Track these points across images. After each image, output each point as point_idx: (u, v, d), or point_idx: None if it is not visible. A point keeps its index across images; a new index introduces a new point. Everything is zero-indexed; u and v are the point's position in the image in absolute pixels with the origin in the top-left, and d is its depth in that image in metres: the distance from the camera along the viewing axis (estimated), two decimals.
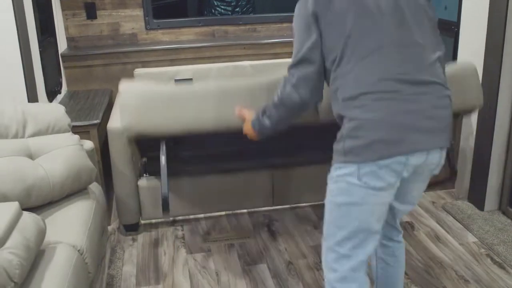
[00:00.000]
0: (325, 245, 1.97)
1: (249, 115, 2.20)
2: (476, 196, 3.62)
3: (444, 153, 1.88)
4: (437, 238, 3.27)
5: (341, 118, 1.84)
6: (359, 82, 1.79)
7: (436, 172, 1.94)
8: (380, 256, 2.22)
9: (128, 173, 3.24)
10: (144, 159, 3.12)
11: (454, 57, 3.79)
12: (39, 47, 3.36)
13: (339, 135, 1.84)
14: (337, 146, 1.84)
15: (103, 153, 3.43)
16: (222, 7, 4.97)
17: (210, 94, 2.48)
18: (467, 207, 3.60)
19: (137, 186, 3.29)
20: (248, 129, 2.20)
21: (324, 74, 1.92)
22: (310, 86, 1.91)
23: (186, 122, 2.46)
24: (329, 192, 1.92)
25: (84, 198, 2.62)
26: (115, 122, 3.20)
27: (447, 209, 3.59)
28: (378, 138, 1.74)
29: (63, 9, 4.11)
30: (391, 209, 2.02)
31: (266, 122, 2.09)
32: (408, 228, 3.38)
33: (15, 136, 2.54)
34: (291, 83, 1.92)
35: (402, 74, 1.78)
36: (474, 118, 3.59)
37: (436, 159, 1.85)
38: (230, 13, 4.96)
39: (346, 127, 1.80)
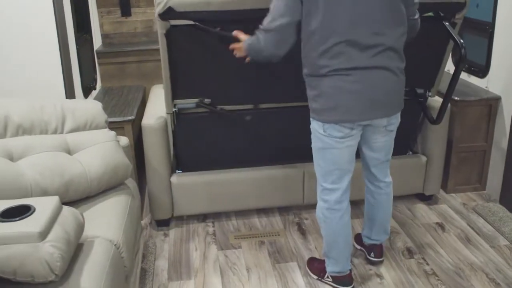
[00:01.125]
0: (317, 181, 2.64)
1: (244, 36, 2.56)
2: (508, 198, 3.59)
3: (394, 117, 2.53)
4: (467, 240, 3.25)
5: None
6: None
7: (391, 129, 2.58)
8: (366, 196, 2.88)
9: (161, 170, 3.30)
10: (176, 108, 3.13)
11: (488, 59, 3.75)
12: (76, 44, 3.42)
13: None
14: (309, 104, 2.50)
15: (136, 149, 3.49)
16: None
17: None
18: (498, 209, 3.58)
19: (170, 182, 3.34)
20: (240, 46, 2.57)
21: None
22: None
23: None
24: (312, 139, 2.56)
25: (120, 193, 2.68)
26: (149, 118, 3.26)
27: (478, 211, 3.57)
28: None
29: (98, 7, 4.18)
30: (365, 157, 2.71)
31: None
32: (439, 229, 3.38)
33: (54, 132, 2.60)
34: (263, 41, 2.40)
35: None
36: (507, 119, 3.57)
37: (383, 122, 2.50)
38: None
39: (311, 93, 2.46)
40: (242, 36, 2.57)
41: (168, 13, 2.63)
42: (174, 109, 3.09)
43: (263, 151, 3.41)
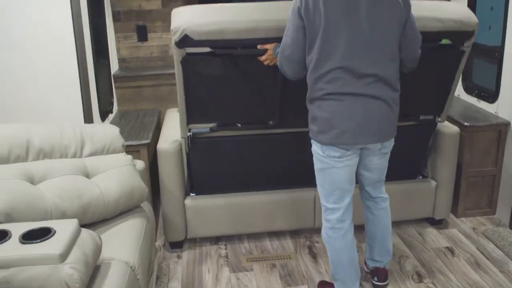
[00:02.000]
0: (321, 203, 2.76)
1: (270, 46, 2.74)
2: None
3: (388, 141, 2.67)
4: (477, 265, 3.28)
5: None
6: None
7: (385, 152, 2.72)
8: (365, 214, 2.97)
9: (175, 193, 3.37)
10: (190, 133, 3.21)
11: (498, 85, 3.82)
12: (94, 69, 3.53)
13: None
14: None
15: (151, 171, 3.57)
16: None
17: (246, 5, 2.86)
18: (508, 234, 3.60)
19: (184, 205, 3.42)
20: (269, 54, 2.74)
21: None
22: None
23: (229, 27, 2.73)
24: (313, 156, 2.69)
25: (136, 216, 2.76)
26: (165, 142, 3.34)
27: (488, 236, 3.60)
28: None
29: (116, 32, 4.29)
30: (361, 176, 2.83)
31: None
32: (448, 253, 3.41)
33: (74, 156, 2.69)
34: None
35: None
36: None
37: (377, 146, 2.64)
38: None
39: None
40: (267, 46, 2.75)
41: (184, 41, 2.73)
42: (188, 134, 3.17)
43: (275, 174, 3.48)
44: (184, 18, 2.73)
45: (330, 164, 2.61)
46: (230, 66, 2.88)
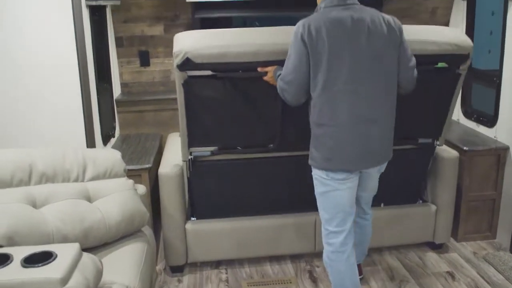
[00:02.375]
0: (322, 226, 2.80)
1: (271, 68, 2.80)
2: None
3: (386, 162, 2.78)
4: None
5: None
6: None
7: (382, 171, 2.83)
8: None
9: (176, 217, 3.39)
10: (191, 156, 3.25)
11: (496, 109, 3.86)
12: (97, 94, 3.57)
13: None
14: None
15: (152, 195, 3.59)
16: None
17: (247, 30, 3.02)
18: (509, 258, 3.60)
19: (184, 229, 3.43)
20: (270, 77, 2.81)
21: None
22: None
23: (228, 50, 2.80)
24: (314, 186, 2.75)
25: (136, 240, 2.77)
26: (166, 167, 3.37)
27: (489, 260, 3.60)
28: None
29: (119, 57, 4.34)
30: (359, 197, 2.91)
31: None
32: (449, 278, 3.41)
33: (76, 180, 2.72)
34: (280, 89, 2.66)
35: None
36: None
37: (376, 169, 2.75)
38: None
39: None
40: (268, 68, 2.82)
41: (186, 64, 2.78)
42: (189, 157, 3.20)
43: (275, 199, 3.50)
44: (186, 42, 2.79)
45: (333, 186, 2.65)
46: (231, 89, 2.93)
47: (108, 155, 2.92)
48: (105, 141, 3.78)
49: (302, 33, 2.49)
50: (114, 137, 4.12)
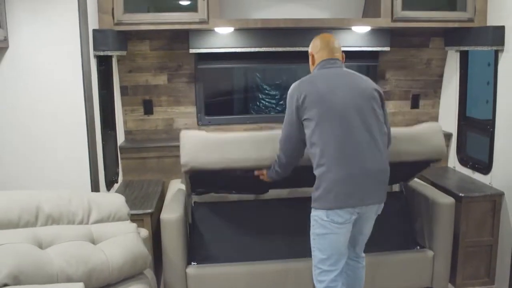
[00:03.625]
0: (313, 263, 2.93)
1: (265, 170, 3.20)
2: None
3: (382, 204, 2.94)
4: None
5: None
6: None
7: (379, 213, 2.97)
8: (345, 270, 3.06)
9: (177, 261, 3.45)
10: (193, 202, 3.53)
11: (491, 157, 3.96)
12: (102, 141, 3.68)
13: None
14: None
15: (153, 239, 3.64)
16: (267, 99, 5.26)
17: (245, 140, 3.27)
18: None
19: (185, 273, 3.48)
20: (265, 176, 3.22)
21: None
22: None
23: (226, 160, 3.19)
24: (311, 226, 2.88)
25: (139, 282, 2.83)
26: (168, 212, 3.46)
27: None
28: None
29: (123, 105, 4.47)
30: (354, 239, 3.01)
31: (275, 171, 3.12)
32: None
33: (81, 222, 2.80)
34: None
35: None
36: (511, 212, 3.70)
37: (375, 209, 2.90)
38: (274, 105, 5.26)
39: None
40: (263, 171, 3.22)
41: (191, 171, 3.20)
42: (191, 203, 3.30)
43: (276, 244, 3.56)
44: (191, 155, 3.17)
45: (331, 230, 2.80)
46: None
47: (112, 199, 3.01)
48: (109, 186, 3.86)
49: (296, 99, 2.82)
50: (117, 182, 4.20)
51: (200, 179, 3.39)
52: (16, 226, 2.55)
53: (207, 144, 3.21)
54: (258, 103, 5.23)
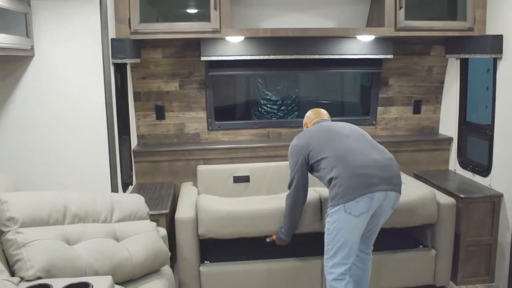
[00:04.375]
0: (326, 256, 3.16)
1: (274, 236, 3.63)
2: None
3: (399, 196, 3.18)
4: None
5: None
6: None
7: (395, 207, 3.21)
8: (354, 262, 3.24)
9: (191, 259, 3.63)
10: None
11: (490, 160, 4.15)
12: (119, 145, 3.85)
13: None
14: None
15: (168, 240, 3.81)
16: (269, 105, 5.41)
17: (254, 215, 3.63)
18: None
19: (199, 271, 3.65)
20: (275, 241, 3.62)
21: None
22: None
23: (238, 232, 3.63)
24: (327, 223, 3.12)
25: (158, 278, 3.00)
26: (182, 212, 3.66)
27: None
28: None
29: (136, 111, 4.64)
30: (369, 231, 3.27)
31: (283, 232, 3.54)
32: None
33: (104, 221, 2.96)
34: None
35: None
36: (510, 215, 3.87)
37: (391, 199, 3.12)
38: (276, 111, 5.42)
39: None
40: (273, 237, 3.64)
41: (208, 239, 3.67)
42: None
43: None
44: (208, 228, 3.60)
45: (348, 223, 3.05)
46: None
47: (133, 200, 3.18)
48: (124, 188, 4.03)
49: (300, 152, 3.31)
50: (132, 185, 4.37)
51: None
52: (47, 224, 2.72)
53: (221, 218, 3.59)
54: (259, 109, 5.39)
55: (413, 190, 3.87)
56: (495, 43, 3.98)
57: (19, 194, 2.79)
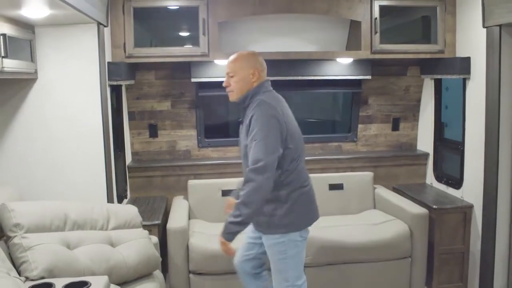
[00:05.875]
0: (286, 285, 3.07)
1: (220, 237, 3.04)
2: None
3: None
4: None
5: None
6: None
7: None
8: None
9: (182, 267, 3.88)
10: None
11: (462, 173, 4.44)
12: (114, 160, 4.12)
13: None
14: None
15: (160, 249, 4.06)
16: None
17: None
18: None
19: (188, 278, 3.91)
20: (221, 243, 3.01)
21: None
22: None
23: (230, 268, 3.53)
24: (279, 252, 3.05)
25: (150, 281, 3.27)
26: (173, 223, 3.95)
27: None
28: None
29: (130, 129, 4.90)
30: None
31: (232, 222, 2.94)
32: None
33: (101, 228, 3.24)
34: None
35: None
36: (479, 225, 4.14)
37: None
38: None
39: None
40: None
41: None
42: None
43: None
44: (195, 263, 3.86)
45: (302, 245, 3.11)
46: None
47: (127, 209, 3.47)
48: (120, 201, 4.30)
49: (278, 115, 2.93)
50: (126, 198, 4.63)
51: None
52: (49, 230, 2.99)
53: (212, 256, 3.80)
54: None
55: (388, 228, 4.15)
56: (464, 65, 4.27)
57: (24, 203, 3.07)
